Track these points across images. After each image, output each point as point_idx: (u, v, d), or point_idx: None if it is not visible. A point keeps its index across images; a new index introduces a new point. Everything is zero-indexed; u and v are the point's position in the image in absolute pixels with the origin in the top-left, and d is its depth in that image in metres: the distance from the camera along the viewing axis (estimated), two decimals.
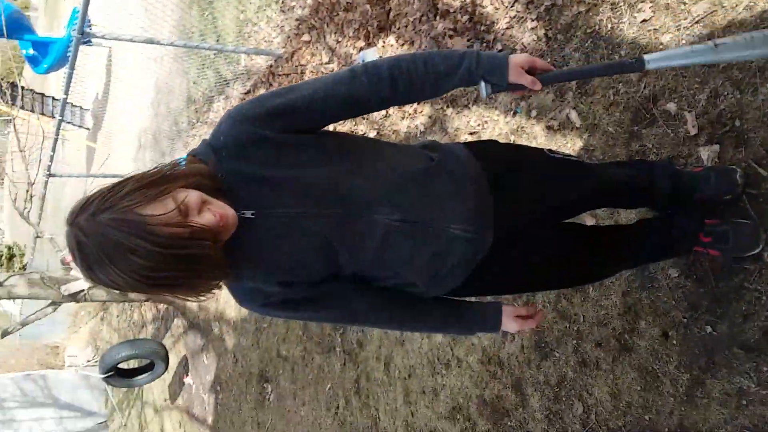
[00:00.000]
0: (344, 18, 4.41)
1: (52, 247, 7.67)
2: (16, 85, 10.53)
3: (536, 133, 2.73)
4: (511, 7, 2.96)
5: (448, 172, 1.39)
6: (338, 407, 4.22)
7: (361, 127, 4.12)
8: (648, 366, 2.16)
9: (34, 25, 12.05)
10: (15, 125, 7.48)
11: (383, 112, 3.92)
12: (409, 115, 3.68)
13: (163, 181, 1.13)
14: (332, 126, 1.36)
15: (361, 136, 1.47)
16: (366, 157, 1.35)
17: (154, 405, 9.09)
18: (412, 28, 3.70)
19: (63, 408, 12.24)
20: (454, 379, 3.12)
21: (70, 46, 4.47)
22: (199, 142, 1.30)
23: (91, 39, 4.68)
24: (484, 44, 3.12)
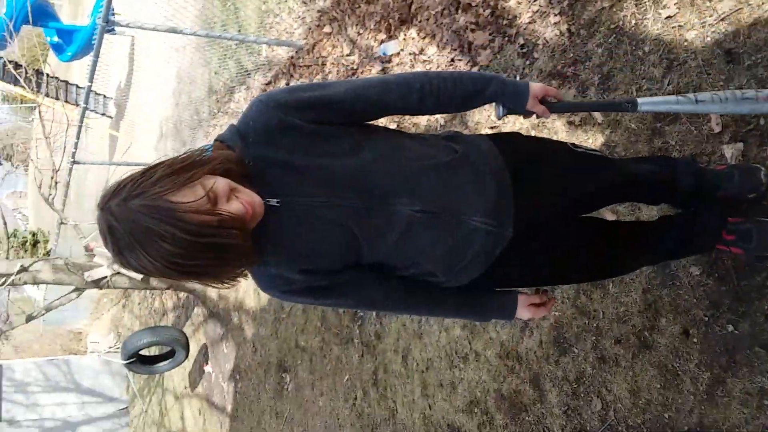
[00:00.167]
0: (366, 10, 4.41)
1: (76, 234, 7.76)
2: (42, 72, 10.59)
3: (557, 129, 2.72)
4: (534, 1, 2.94)
5: (471, 164, 1.40)
6: (356, 398, 4.25)
7: (382, 119, 4.12)
8: (668, 364, 2.16)
9: (59, 14, 12.18)
10: (40, 112, 7.53)
11: None
12: None
13: (192, 167, 1.14)
14: None
15: (385, 127, 1.51)
16: (390, 148, 1.37)
17: (175, 392, 9.19)
18: (434, 22, 3.69)
19: (85, 393, 12.47)
20: (471, 372, 3.13)
21: (95, 34, 4.51)
22: (221, 131, 1.32)
23: (115, 27, 4.71)
24: (506, 38, 3.11)
